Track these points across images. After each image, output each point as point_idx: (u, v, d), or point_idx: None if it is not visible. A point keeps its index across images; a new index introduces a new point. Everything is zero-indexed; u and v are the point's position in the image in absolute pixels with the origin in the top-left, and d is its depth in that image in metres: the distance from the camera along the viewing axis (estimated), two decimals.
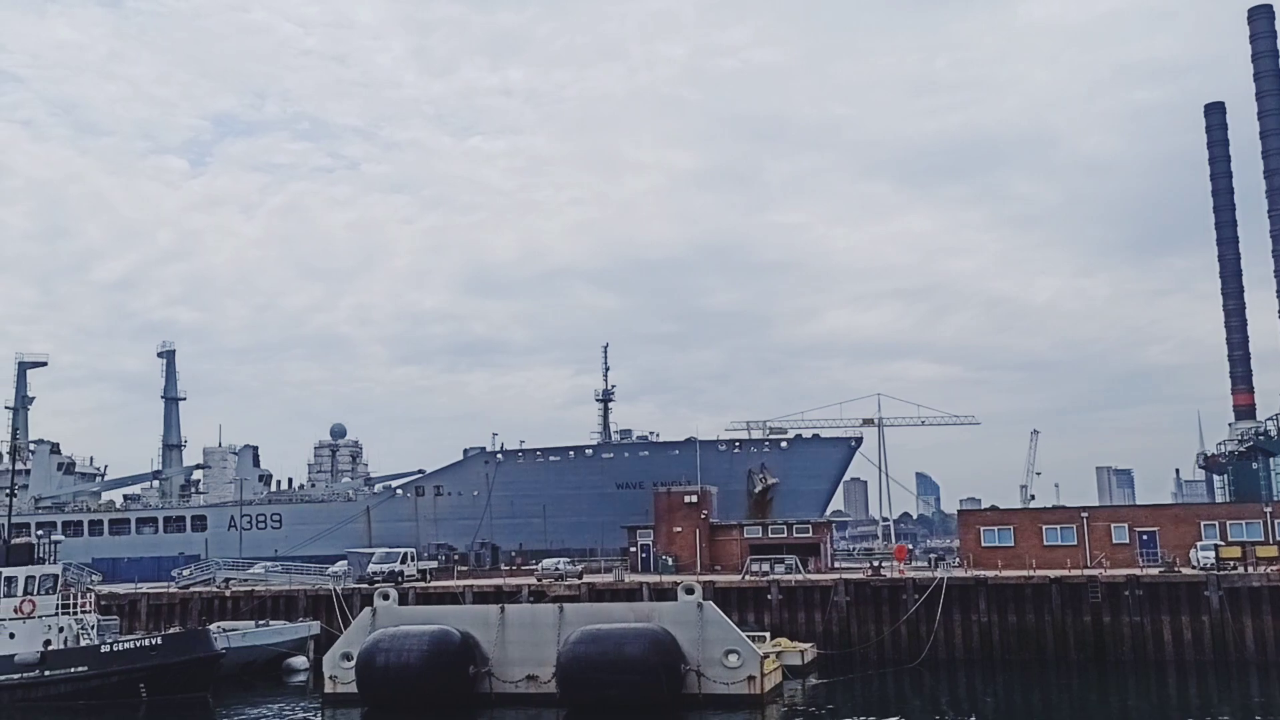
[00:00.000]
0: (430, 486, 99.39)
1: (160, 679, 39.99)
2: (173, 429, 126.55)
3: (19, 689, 39.95)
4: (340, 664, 38.47)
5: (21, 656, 40.09)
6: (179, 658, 40.43)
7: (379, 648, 36.08)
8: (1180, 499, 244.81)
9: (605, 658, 33.82)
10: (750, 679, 34.97)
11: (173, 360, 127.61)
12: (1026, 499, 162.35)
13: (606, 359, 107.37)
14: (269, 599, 55.73)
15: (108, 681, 39.80)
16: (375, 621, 38.45)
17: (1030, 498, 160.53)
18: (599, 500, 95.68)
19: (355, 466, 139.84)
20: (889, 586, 48.38)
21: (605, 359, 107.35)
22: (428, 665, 35.49)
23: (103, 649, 40.53)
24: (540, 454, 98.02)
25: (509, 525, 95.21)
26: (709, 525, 69.40)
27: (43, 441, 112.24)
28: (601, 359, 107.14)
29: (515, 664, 36.95)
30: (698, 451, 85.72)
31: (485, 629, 37.37)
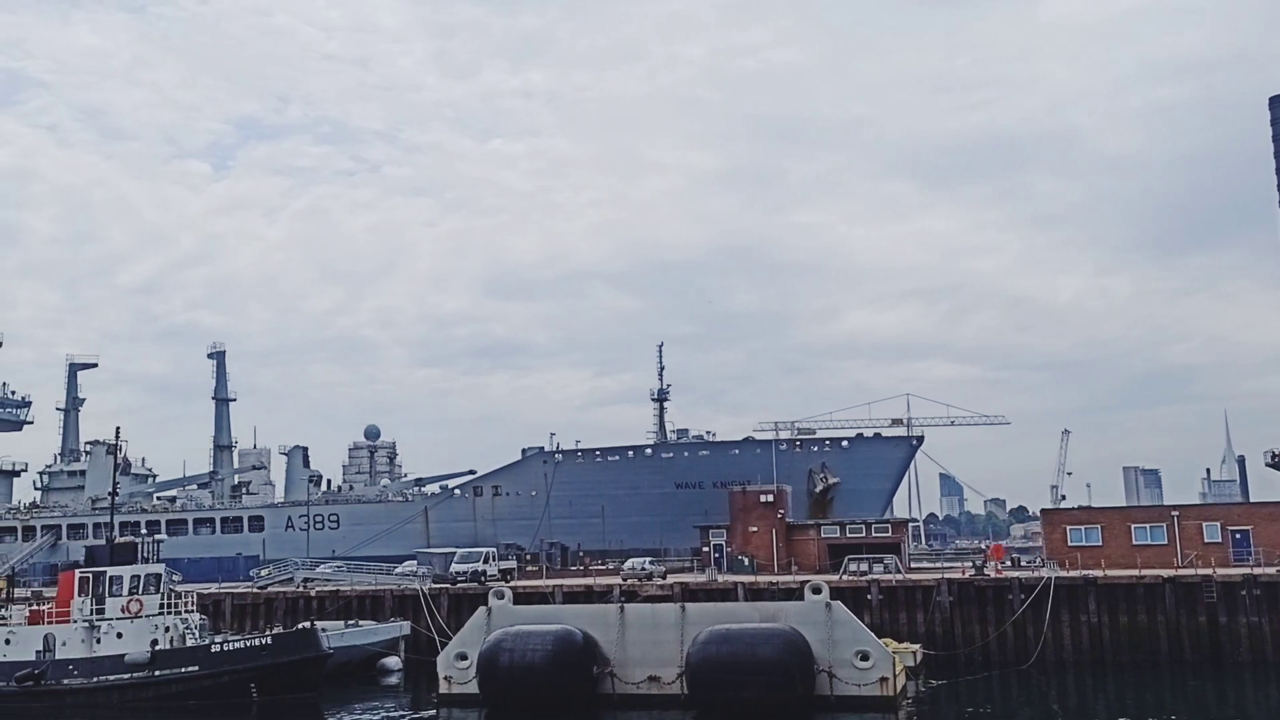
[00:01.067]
0: (488, 487, 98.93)
1: (271, 679, 39.62)
2: (223, 430, 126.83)
3: (129, 689, 39.71)
4: (455, 664, 37.97)
5: (132, 656, 39.82)
6: (289, 657, 40.05)
7: (501, 648, 35.51)
8: (1209, 499, 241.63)
9: (737, 658, 33.11)
10: (883, 680, 34.17)
11: (223, 361, 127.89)
12: (1057, 499, 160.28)
13: (661, 358, 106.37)
14: (354, 599, 55.37)
15: (219, 681, 39.47)
16: (491, 621, 37.92)
17: (1061, 498, 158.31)
18: (658, 500, 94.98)
19: (392, 468, 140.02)
20: (993, 586, 47.41)
21: (660, 358, 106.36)
22: (552, 665, 34.91)
23: (213, 648, 40.20)
24: (599, 454, 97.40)
25: (567, 525, 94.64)
26: (785, 524, 68.58)
27: (98, 442, 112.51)
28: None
29: (636, 664, 36.31)
30: (774, 451, 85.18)
31: (604, 629, 36.75)
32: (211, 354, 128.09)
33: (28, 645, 41.29)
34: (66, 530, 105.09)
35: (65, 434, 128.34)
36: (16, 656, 41.16)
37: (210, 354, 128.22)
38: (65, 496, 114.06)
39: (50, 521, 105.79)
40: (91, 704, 39.79)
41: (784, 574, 61.16)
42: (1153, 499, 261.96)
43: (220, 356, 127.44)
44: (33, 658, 40.92)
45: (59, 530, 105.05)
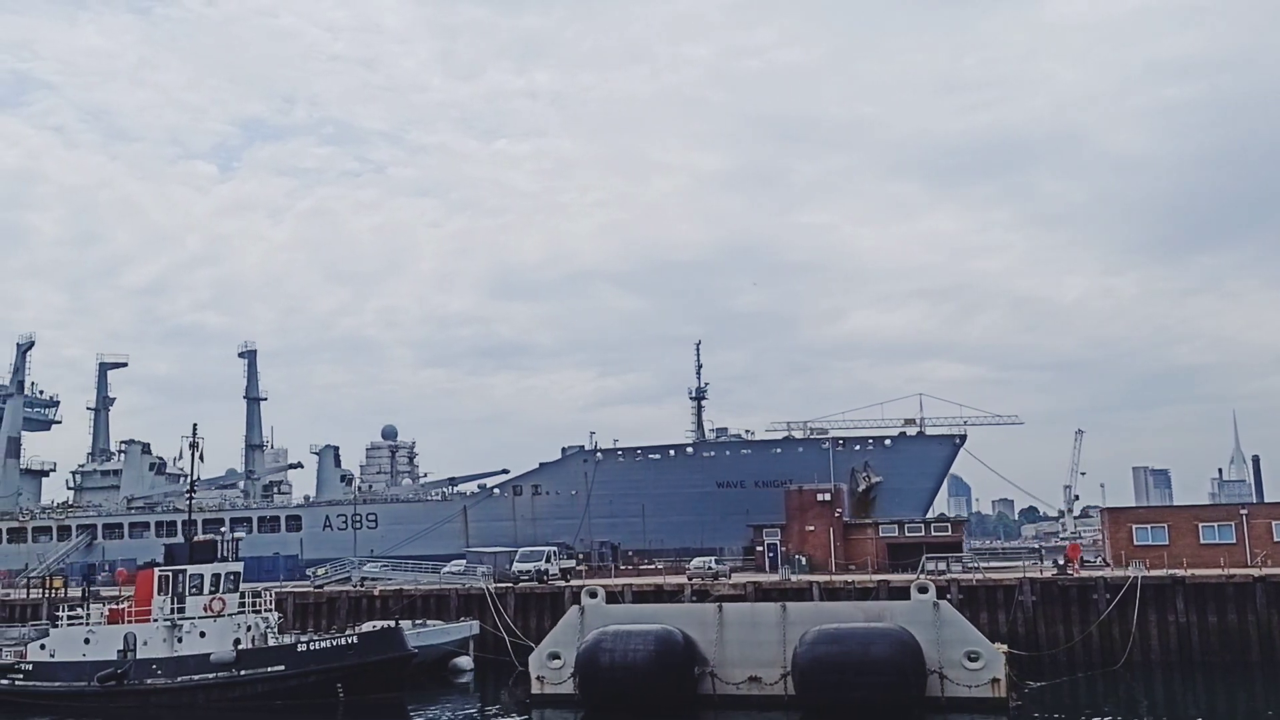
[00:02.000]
0: (528, 486, 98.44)
1: (357, 678, 39.03)
2: (255, 429, 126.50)
3: (214, 689, 39.13)
4: (548, 664, 37.33)
5: (217, 655, 39.26)
6: (376, 656, 39.45)
7: (601, 647, 34.87)
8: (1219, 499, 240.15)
9: (850, 659, 32.42)
10: (994, 681, 33.46)
11: (254, 360, 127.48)
12: (1070, 499, 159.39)
13: (699, 356, 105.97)
14: (418, 598, 54.79)
15: (305, 681, 38.88)
16: (584, 621, 37.27)
17: (1074, 498, 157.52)
18: (699, 499, 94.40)
19: (412, 468, 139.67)
20: (1078, 586, 46.65)
21: (697, 356, 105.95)
22: (655, 665, 34.25)
23: (298, 648, 39.62)
24: (640, 453, 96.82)
25: (607, 524, 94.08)
26: (842, 523, 67.86)
27: (133, 442, 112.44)
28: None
29: (735, 665, 35.64)
30: (831, 451, 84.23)
31: (702, 628, 36.08)
32: (243, 353, 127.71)
33: (108, 645, 40.74)
34: (102, 530, 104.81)
35: (95, 433, 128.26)
36: (97, 656, 40.62)
37: (241, 353, 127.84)
38: (98, 496, 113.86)
39: (85, 521, 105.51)
40: (176, 704, 39.23)
41: (842, 574, 60.52)
42: (1162, 499, 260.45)
43: (251, 356, 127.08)
44: (114, 657, 40.36)
45: (94, 530, 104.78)
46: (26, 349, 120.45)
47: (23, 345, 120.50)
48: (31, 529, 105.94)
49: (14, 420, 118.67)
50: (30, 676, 41.15)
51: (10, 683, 41.32)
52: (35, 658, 41.86)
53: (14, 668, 41.57)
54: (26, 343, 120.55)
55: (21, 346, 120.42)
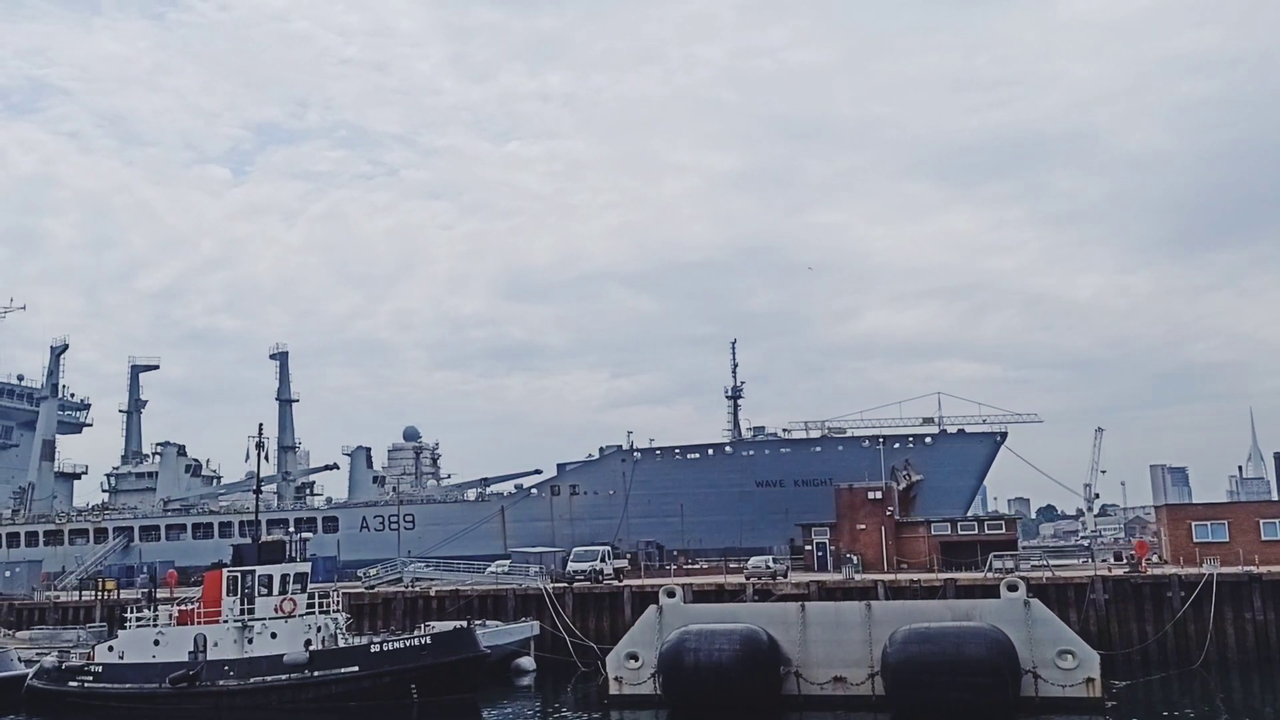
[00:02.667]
0: (565, 486, 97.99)
1: (431, 679, 38.65)
2: (287, 431, 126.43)
3: (288, 690, 38.81)
4: (626, 664, 36.90)
5: (291, 656, 38.93)
6: (450, 657, 39.05)
7: (685, 647, 34.40)
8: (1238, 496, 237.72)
9: (943, 658, 31.86)
10: (1089, 681, 32.87)
11: (285, 362, 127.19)
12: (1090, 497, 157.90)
13: (734, 355, 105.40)
14: (474, 598, 54.42)
15: (379, 682, 38.51)
16: (663, 620, 36.83)
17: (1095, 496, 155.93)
18: (737, 499, 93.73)
19: (436, 469, 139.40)
20: (1151, 584, 45.93)
21: (733, 355, 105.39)
22: (742, 665, 33.79)
23: (372, 648, 39.28)
24: (679, 452, 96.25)
25: (645, 524, 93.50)
26: (894, 522, 67.25)
27: (169, 444, 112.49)
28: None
29: (819, 664, 35.14)
30: (881, 448, 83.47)
31: (784, 628, 35.59)
32: (274, 355, 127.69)
33: (179, 646, 40.48)
34: (139, 532, 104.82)
35: (128, 436, 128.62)
36: (167, 657, 40.36)
37: (272, 355, 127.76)
38: (133, 498, 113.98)
39: (122, 524, 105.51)
40: (250, 705, 38.94)
41: (893, 572, 59.93)
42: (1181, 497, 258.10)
43: (283, 358, 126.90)
44: (185, 658, 40.11)
45: (131, 532, 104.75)
46: (60, 352, 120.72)
47: (56, 348, 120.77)
48: (68, 531, 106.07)
49: (49, 423, 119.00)
50: (100, 678, 40.90)
51: (80, 684, 41.10)
52: (104, 659, 41.63)
53: (84, 669, 41.35)
54: (60, 345, 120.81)
55: (55, 349, 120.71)
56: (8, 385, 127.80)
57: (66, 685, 41.42)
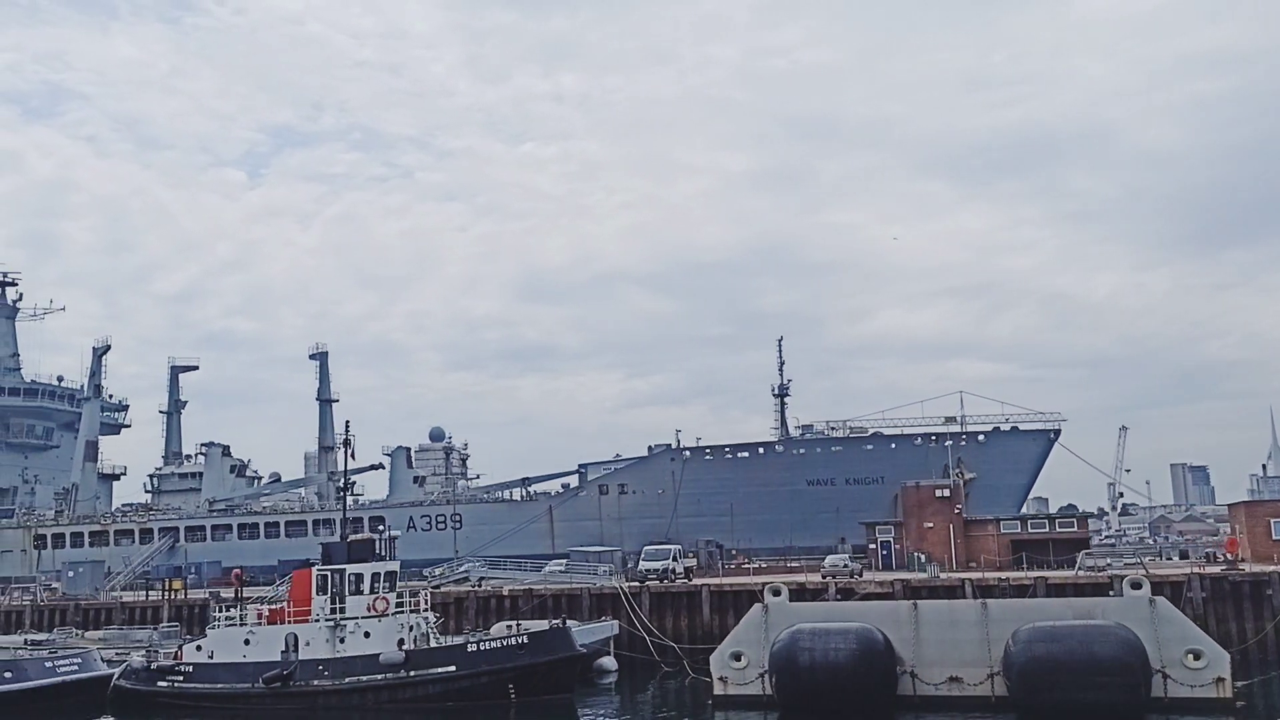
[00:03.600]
0: (614, 485, 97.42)
1: (529, 679, 38.05)
2: (327, 430, 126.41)
3: (384, 689, 38.27)
4: (730, 664, 36.17)
5: (387, 656, 38.38)
6: (547, 657, 38.45)
7: (799, 646, 33.65)
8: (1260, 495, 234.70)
9: (1073, 659, 31.01)
10: (1219, 681, 31.94)
11: (325, 363, 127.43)
12: (1114, 496, 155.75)
13: (781, 353, 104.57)
14: (548, 598, 53.80)
15: (477, 682, 37.91)
16: (769, 619, 36.08)
17: (1119, 495, 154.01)
18: (788, 498, 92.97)
19: (465, 469, 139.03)
20: (1251, 581, 44.92)
21: (780, 353, 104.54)
22: (858, 665, 33.03)
23: (469, 648, 38.70)
24: (729, 450, 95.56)
25: (695, 523, 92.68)
26: (963, 520, 66.31)
27: (213, 444, 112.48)
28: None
29: (933, 664, 34.31)
30: (949, 445, 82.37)
31: (896, 626, 34.79)
32: (314, 355, 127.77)
33: (270, 645, 40.01)
34: (184, 533, 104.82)
35: (168, 436, 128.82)
36: (258, 657, 39.90)
37: (312, 355, 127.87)
38: (176, 499, 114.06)
39: (167, 524, 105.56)
40: (345, 705, 38.42)
41: (963, 570, 59.02)
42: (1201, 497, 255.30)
43: (323, 358, 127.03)
44: (276, 658, 39.63)
45: (176, 533, 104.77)
46: (103, 353, 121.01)
47: (99, 349, 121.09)
48: (113, 532, 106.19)
49: (91, 424, 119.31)
50: (191, 678, 40.47)
51: (170, 684, 40.68)
52: (193, 659, 41.20)
53: (174, 669, 40.92)
54: (102, 347, 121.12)
55: (98, 350, 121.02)
56: (49, 386, 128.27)
57: (155, 685, 41.02)
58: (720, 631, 51.27)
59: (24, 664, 41.42)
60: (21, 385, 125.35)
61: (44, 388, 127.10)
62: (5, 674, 40.38)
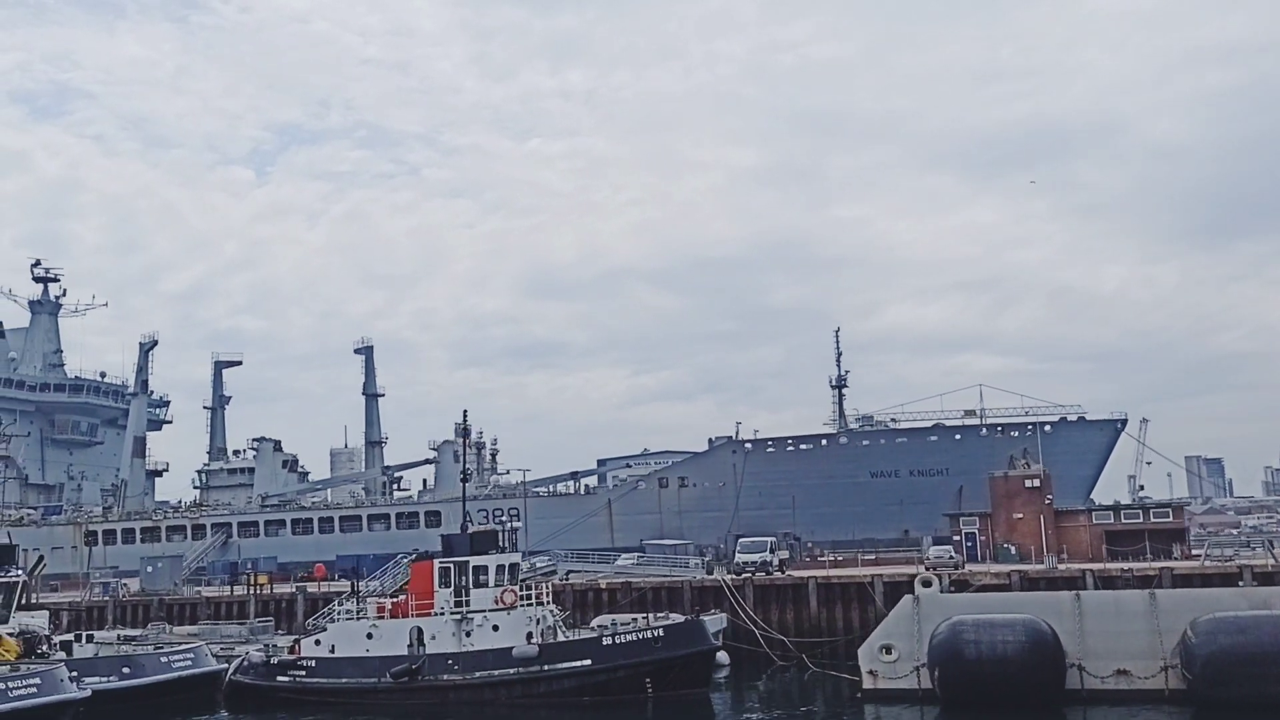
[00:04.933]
0: (674, 478, 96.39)
1: (665, 673, 37.02)
2: (374, 425, 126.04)
3: (517, 684, 37.28)
4: (881, 657, 35.10)
5: (520, 650, 37.39)
6: (684, 650, 37.43)
7: (964, 639, 32.54)
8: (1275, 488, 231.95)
9: (1264, 650, 29.85)
10: None
11: (371, 356, 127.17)
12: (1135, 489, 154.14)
13: (838, 343, 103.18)
14: (648, 591, 52.79)
15: (613, 676, 36.91)
16: (920, 611, 35.00)
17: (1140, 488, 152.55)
18: (851, 490, 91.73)
19: (494, 465, 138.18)
20: None
21: (837, 343, 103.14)
22: (1029, 658, 31.94)
23: (604, 641, 37.68)
24: (791, 442, 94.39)
25: (756, 517, 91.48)
26: (1053, 510, 65.00)
27: (265, 439, 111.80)
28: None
29: (1100, 657, 33.17)
30: (1038, 434, 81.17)
31: (1059, 618, 33.64)
32: (359, 349, 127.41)
33: (394, 639, 39.05)
34: (237, 528, 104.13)
35: (213, 432, 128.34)
36: (382, 651, 38.94)
37: (357, 349, 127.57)
38: (226, 494, 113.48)
39: (220, 520, 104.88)
40: (476, 700, 37.47)
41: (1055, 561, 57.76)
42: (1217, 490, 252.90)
43: (368, 352, 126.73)
44: (401, 652, 38.69)
45: (229, 528, 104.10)
46: (149, 348, 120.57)
47: (145, 345, 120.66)
48: (165, 528, 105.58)
49: (139, 420, 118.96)
50: (313, 673, 39.56)
51: (291, 679, 39.79)
52: (313, 653, 40.28)
53: (295, 664, 40.00)
54: (149, 342, 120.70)
55: (144, 346, 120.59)
56: (94, 383, 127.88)
57: (275, 680, 40.14)
58: (828, 624, 50.44)
59: (141, 659, 40.63)
60: (67, 382, 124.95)
61: (89, 384, 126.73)
62: (123, 669, 39.59)
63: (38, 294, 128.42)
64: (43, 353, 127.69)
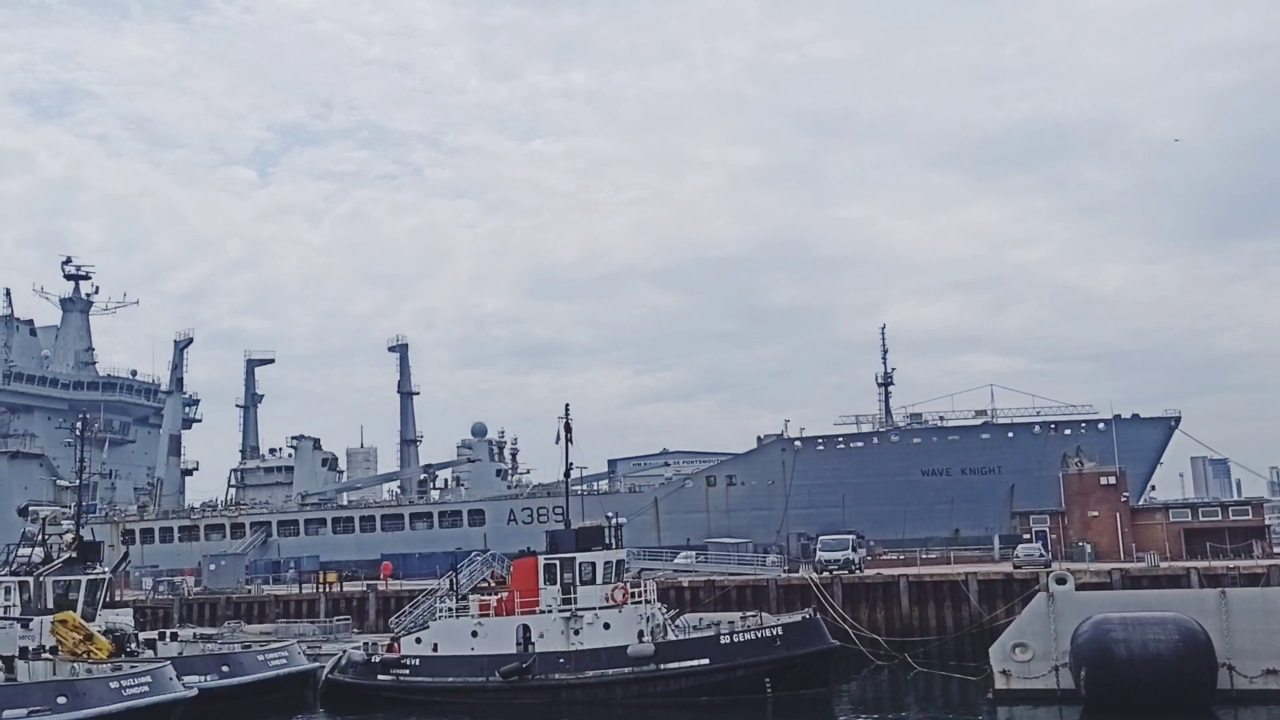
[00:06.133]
0: (722, 476, 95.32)
1: (784, 674, 36.01)
2: (409, 424, 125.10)
3: (633, 683, 36.28)
4: (1014, 656, 34.06)
5: (636, 648, 36.40)
6: (805, 650, 36.41)
7: (1112, 638, 31.48)
8: None
9: None
10: None
11: (405, 354, 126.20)
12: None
13: (884, 340, 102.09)
14: (732, 589, 51.79)
15: (732, 676, 35.91)
16: (1055, 609, 33.94)
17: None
18: (903, 488, 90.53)
19: (514, 465, 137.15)
20: None
21: (883, 341, 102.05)
22: (1183, 657, 30.90)
23: (721, 639, 36.67)
24: (841, 441, 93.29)
25: (805, 515, 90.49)
26: (1129, 508, 64.00)
27: (304, 437, 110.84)
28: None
29: (1249, 656, 32.14)
30: (1114, 429, 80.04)
31: (1203, 616, 32.57)
32: (393, 347, 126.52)
33: (500, 638, 38.07)
34: (276, 527, 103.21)
35: (245, 431, 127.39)
36: (488, 650, 37.95)
37: (391, 347, 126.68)
38: (262, 493, 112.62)
39: (259, 519, 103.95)
40: (590, 700, 36.47)
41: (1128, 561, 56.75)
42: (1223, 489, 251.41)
43: (403, 350, 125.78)
44: (506, 650, 37.71)
45: (269, 527, 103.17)
46: (184, 346, 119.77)
47: (180, 342, 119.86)
48: (204, 527, 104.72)
49: (174, 418, 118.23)
50: (418, 671, 38.57)
51: (395, 678, 38.80)
52: (414, 651, 39.29)
53: (399, 663, 39.00)
54: (184, 340, 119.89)
55: (179, 343, 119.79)
56: (126, 381, 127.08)
57: (376, 679, 39.16)
58: (920, 623, 49.43)
59: (239, 657, 39.64)
60: (100, 380, 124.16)
61: (122, 382, 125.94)
62: (222, 667, 38.60)
63: (68, 291, 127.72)
64: (74, 350, 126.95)
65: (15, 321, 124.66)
